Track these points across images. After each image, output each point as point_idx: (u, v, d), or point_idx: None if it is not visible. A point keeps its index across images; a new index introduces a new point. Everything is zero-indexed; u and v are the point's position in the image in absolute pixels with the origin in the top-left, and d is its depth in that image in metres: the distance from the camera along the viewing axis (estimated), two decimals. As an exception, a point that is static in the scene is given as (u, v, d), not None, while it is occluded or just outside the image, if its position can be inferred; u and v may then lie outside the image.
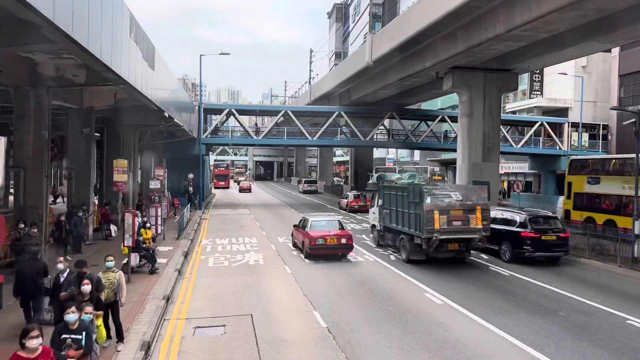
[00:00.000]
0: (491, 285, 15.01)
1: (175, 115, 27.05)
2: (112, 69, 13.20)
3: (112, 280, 9.15)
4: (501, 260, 18.54)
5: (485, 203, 17.37)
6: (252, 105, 58.33)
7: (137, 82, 16.49)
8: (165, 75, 23.40)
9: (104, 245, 20.27)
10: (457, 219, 16.72)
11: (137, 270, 15.48)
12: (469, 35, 23.09)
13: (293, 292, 13.90)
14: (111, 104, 20.58)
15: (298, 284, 14.75)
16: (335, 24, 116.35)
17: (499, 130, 28.99)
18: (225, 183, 75.35)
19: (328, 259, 18.19)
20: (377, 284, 14.80)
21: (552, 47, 23.49)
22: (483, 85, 27.75)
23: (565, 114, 51.09)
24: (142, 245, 15.69)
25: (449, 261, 17.81)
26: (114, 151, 25.59)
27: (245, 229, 27.49)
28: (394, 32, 28.61)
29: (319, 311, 11.87)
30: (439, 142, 48.17)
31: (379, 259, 18.65)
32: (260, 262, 18.04)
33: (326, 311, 11.86)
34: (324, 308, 12.13)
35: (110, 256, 9.62)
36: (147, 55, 18.21)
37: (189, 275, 15.97)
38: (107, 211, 21.23)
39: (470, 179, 27.84)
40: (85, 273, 8.34)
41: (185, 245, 21.13)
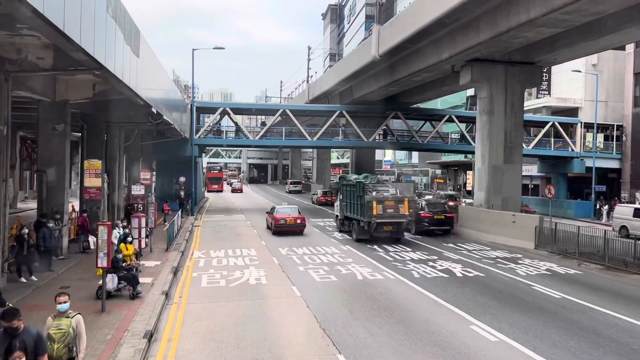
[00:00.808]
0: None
1: (165, 112, 24.34)
2: (81, 46, 10.54)
3: (65, 331, 6.42)
4: (410, 233, 25.18)
5: (412, 196, 24.11)
6: (248, 103, 55.57)
7: (116, 67, 13.81)
8: (152, 66, 20.71)
9: (81, 259, 17.51)
10: (390, 207, 22.68)
11: (116, 294, 12.76)
12: (495, 21, 20.58)
13: (307, 323, 11.22)
14: (89, 96, 17.83)
15: (311, 311, 12.07)
16: (329, 25, 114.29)
17: (522, 129, 26.51)
18: (219, 186, 72.60)
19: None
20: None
21: (586, 35, 21.05)
22: (504, 79, 25.25)
23: (575, 114, 48.76)
24: (122, 264, 12.96)
25: (389, 237, 23.51)
26: (96, 152, 22.80)
27: (242, 238, 24.79)
28: (405, 22, 26.07)
29: (344, 354, 9.22)
30: (445, 143, 45.80)
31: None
32: (262, 280, 15.35)
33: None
34: (351, 350, 9.49)
35: (64, 295, 6.86)
36: (129, 39, 15.52)
37: (178, 300, 13.26)
38: (86, 220, 18.45)
39: (490, 182, 25.36)
40: (16, 330, 5.54)
41: (175, 259, 18.40)
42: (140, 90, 17.68)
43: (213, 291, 14.08)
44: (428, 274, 16.29)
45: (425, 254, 20.14)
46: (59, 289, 13.53)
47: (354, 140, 42.57)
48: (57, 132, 17.41)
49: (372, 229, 22.62)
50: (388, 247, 22.14)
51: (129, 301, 12.56)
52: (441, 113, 44.04)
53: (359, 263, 18.13)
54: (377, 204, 22.38)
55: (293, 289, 14.34)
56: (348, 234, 25.26)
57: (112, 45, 13.32)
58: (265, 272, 16.57)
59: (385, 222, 22.64)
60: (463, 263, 18.42)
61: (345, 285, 14.79)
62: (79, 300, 12.46)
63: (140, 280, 14.14)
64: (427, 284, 15.01)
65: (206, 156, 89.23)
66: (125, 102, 20.10)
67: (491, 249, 21.80)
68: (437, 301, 13.10)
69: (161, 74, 23.92)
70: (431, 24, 23.45)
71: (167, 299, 13.22)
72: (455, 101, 60.11)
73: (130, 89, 15.99)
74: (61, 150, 17.61)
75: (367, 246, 22.10)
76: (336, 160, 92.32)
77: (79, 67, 13.23)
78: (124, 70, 14.82)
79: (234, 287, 14.57)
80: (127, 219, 19.51)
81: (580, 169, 44.35)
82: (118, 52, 14.05)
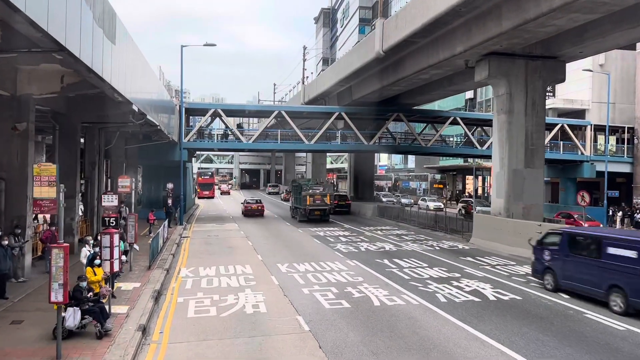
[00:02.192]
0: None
1: (150, 112, 21.79)
2: (27, 14, 8.03)
3: None
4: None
5: (330, 192, 37.02)
6: (241, 104, 52.91)
7: (83, 52, 11.28)
8: (133, 57, 18.17)
9: (45, 282, 14.79)
10: (318, 199, 34.62)
11: (79, 332, 10.17)
12: (521, 7, 18.27)
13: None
14: (58, 90, 15.26)
15: (325, 354, 9.57)
16: (322, 29, 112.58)
17: (544, 129, 24.18)
18: (210, 192, 69.93)
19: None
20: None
21: (621, 24, 18.83)
22: (525, 75, 22.97)
23: (582, 116, 46.74)
24: (87, 295, 10.37)
25: (318, 220, 34.76)
26: (70, 156, 20.21)
27: (235, 252, 22.24)
28: (414, 14, 23.73)
29: None
30: (448, 146, 43.56)
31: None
32: (261, 308, 12.79)
33: None
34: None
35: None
36: (102, 20, 13.00)
37: (158, 336, 10.68)
38: (54, 234, 15.80)
39: (510, 189, 23.05)
40: None
41: (158, 279, 15.80)
42: (118, 84, 15.15)
43: (201, 324, 11.51)
44: (457, 298, 13.81)
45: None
46: (8, 324, 11.04)
47: (353, 143, 40.13)
48: (18, 131, 14.81)
49: (307, 214, 34.72)
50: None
51: (94, 341, 9.96)
52: (446, 115, 41.74)
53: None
54: (310, 197, 34.66)
55: (299, 320, 11.80)
56: (295, 218, 37.57)
57: (76, 22, 10.79)
58: (264, 296, 14.02)
59: (315, 209, 34.83)
60: (491, 282, 15.98)
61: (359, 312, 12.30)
62: (30, 341, 9.94)
63: (112, 311, 11.62)
64: (458, 310, 12.53)
65: (197, 161, 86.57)
66: (102, 99, 17.55)
67: (516, 264, 19.41)
68: (478, 337, 10.62)
69: (145, 69, 21.37)
70: (445, 14, 21.17)
71: (145, 336, 10.64)
72: (453, 105, 58.03)
73: (103, 80, 13.45)
74: (23, 153, 15.01)
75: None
76: (330, 165, 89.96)
77: (33, 48, 10.71)
78: (94, 57, 12.30)
79: (226, 317, 12.00)
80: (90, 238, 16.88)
81: (590, 173, 42.24)
82: (86, 32, 11.53)
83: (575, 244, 14.60)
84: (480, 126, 45.79)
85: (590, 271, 13.51)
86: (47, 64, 13.93)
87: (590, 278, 13.49)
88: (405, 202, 51.60)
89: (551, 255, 15.17)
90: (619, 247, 12.86)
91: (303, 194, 34.70)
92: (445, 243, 24.90)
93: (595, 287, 13.31)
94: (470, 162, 54.25)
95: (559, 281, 14.62)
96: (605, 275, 12.97)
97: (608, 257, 13.01)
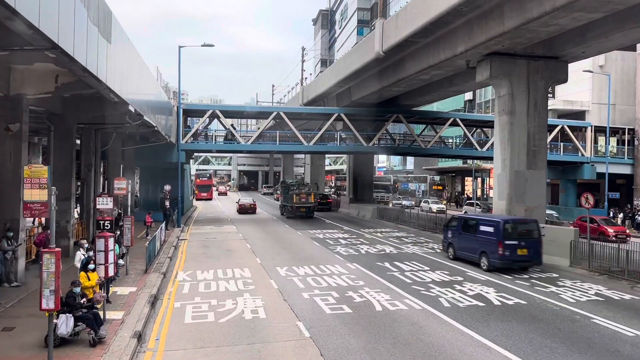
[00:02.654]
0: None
1: (146, 113, 21.47)
2: (16, 9, 7.70)
3: None
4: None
5: (315, 192, 43.49)
6: (240, 105, 52.48)
7: (77, 50, 10.96)
8: (130, 57, 17.85)
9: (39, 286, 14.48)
10: (304, 198, 39.54)
11: (72, 339, 9.84)
12: (524, 7, 17.99)
13: (324, 383, 8.43)
14: (52, 90, 14.88)
15: (327, 362, 9.27)
16: (320, 30, 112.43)
17: (546, 130, 23.86)
18: (208, 194, 69.57)
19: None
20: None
21: (625, 23, 18.54)
22: (527, 75, 22.66)
23: (582, 118, 46.51)
24: (80, 301, 10.03)
25: (303, 216, 39.39)
26: (65, 158, 19.86)
27: (234, 255, 21.91)
28: (414, 13, 23.44)
29: None
30: (448, 148, 43.30)
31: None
32: (260, 314, 12.45)
33: None
34: None
35: None
36: (97, 18, 12.68)
37: (153, 345, 10.34)
38: (48, 237, 15.43)
39: (512, 190, 22.71)
40: None
41: (155, 284, 15.46)
42: (114, 84, 14.84)
43: (199, 330, 11.17)
44: (460, 303, 13.50)
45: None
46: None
47: (352, 145, 39.81)
48: (11, 132, 14.47)
49: (294, 210, 39.56)
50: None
51: (88, 349, 9.64)
52: (445, 116, 41.45)
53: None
54: (296, 197, 39.45)
55: (299, 325, 11.48)
56: (284, 215, 42.30)
57: (70, 20, 10.48)
58: (263, 300, 13.69)
59: (301, 206, 39.61)
60: (495, 286, 15.67)
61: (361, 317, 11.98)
62: (21, 348, 9.61)
63: (107, 317, 11.29)
64: (463, 316, 12.22)
65: (195, 163, 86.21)
66: (98, 99, 17.27)
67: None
68: (485, 343, 10.31)
69: (142, 69, 21.04)
70: (446, 13, 20.87)
71: (140, 344, 10.31)
72: (452, 106, 57.81)
73: (98, 79, 13.14)
74: (16, 154, 14.67)
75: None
76: (329, 166, 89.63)
77: (26, 46, 10.38)
78: (88, 56, 11.98)
79: (225, 323, 11.67)
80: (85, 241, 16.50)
81: (591, 174, 41.99)
82: (80, 31, 11.21)
83: (465, 225, 20.14)
84: (480, 127, 45.55)
85: (471, 243, 19.22)
86: (41, 63, 13.61)
87: (471, 247, 19.14)
88: (406, 204, 51.38)
89: (452, 234, 20.80)
90: (485, 226, 18.65)
91: (290, 194, 40.18)
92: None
93: (474, 253, 18.97)
94: (470, 164, 54.01)
95: (456, 252, 20.31)
96: (478, 245, 18.71)
97: (480, 232, 18.73)
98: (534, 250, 17.91)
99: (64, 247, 18.65)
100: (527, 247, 17.79)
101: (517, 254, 17.63)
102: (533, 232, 18.21)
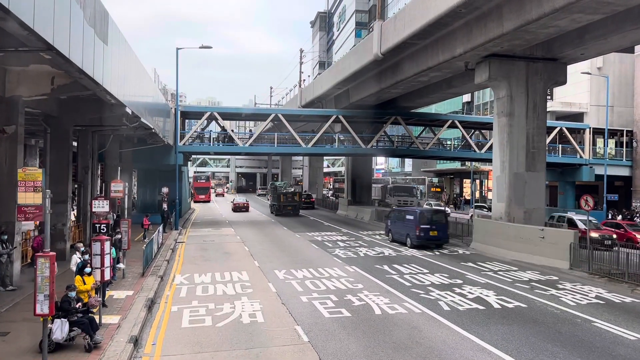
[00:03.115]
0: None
1: (144, 115, 21.32)
2: (9, 9, 7.58)
3: None
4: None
5: (300, 192, 50.49)
6: (237, 107, 52.27)
7: (73, 52, 10.83)
8: (127, 58, 17.70)
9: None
10: (290, 197, 44.40)
11: (67, 344, 9.70)
12: (523, 8, 17.92)
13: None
14: (48, 92, 14.76)
15: (326, 367, 9.14)
16: (319, 32, 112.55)
17: (545, 132, 23.78)
18: (206, 196, 69.41)
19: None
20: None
21: (624, 24, 18.48)
22: (526, 77, 22.62)
23: (580, 120, 46.52)
24: (75, 305, 9.89)
25: (290, 213, 44.13)
26: (61, 160, 19.72)
27: (232, 258, 21.77)
28: (413, 15, 23.38)
29: None
30: (446, 150, 43.19)
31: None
32: (258, 317, 12.32)
33: None
34: None
35: None
36: (93, 19, 12.55)
37: (150, 350, 10.19)
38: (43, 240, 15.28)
39: (511, 192, 22.66)
40: None
41: (152, 287, 15.32)
42: (110, 86, 14.69)
43: (196, 334, 11.03)
44: (460, 306, 13.39)
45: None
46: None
47: (350, 147, 39.71)
48: (7, 134, 14.34)
49: (282, 208, 44.13)
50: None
51: (83, 355, 9.50)
52: (444, 118, 41.37)
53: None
54: (283, 196, 44.44)
55: (297, 330, 11.35)
56: (273, 213, 46.21)
57: (66, 21, 10.35)
58: (261, 304, 13.56)
59: (287, 205, 44.20)
60: (495, 289, 15.57)
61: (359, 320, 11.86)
62: (15, 354, 9.45)
63: (103, 321, 11.17)
64: (463, 319, 12.11)
65: (192, 165, 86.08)
66: (95, 101, 17.16)
67: (519, 269, 18.99)
68: (485, 347, 10.20)
69: (139, 70, 20.91)
70: (445, 15, 20.82)
71: (136, 349, 10.17)
72: (450, 108, 57.81)
73: (95, 81, 13.00)
74: (12, 157, 14.52)
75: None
76: (326, 168, 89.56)
77: (20, 47, 10.26)
78: (85, 57, 11.85)
79: (222, 327, 11.53)
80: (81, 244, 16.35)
81: (589, 176, 41.94)
82: (76, 32, 11.08)
83: (398, 215, 26.91)
84: (479, 129, 45.50)
85: (401, 229, 25.62)
86: (36, 64, 13.47)
87: (401, 231, 25.51)
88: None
89: (391, 222, 27.41)
90: (409, 215, 25.21)
91: (278, 194, 45.19)
92: (445, 248, 24.50)
93: (403, 236, 25.32)
94: (468, 166, 53.94)
95: (393, 236, 26.67)
96: (405, 229, 25.10)
97: (406, 220, 25.23)
98: (442, 232, 24.27)
99: (60, 250, 18.53)
100: (437, 229, 23.89)
101: (429, 235, 23.80)
102: (442, 219, 24.77)
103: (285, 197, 44.11)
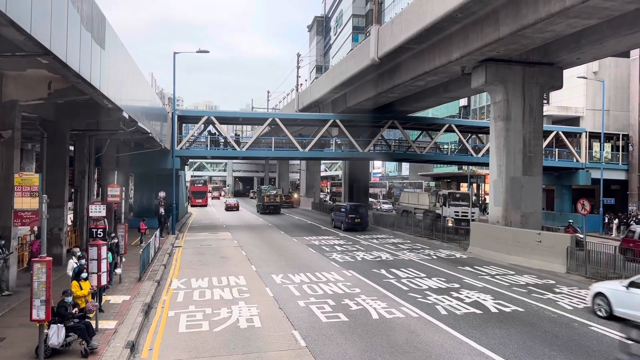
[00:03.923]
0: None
1: (141, 119, 21.32)
2: (7, 14, 7.59)
3: None
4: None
5: (281, 194, 56.84)
6: (235, 112, 52.32)
7: (70, 56, 10.84)
8: (123, 62, 17.71)
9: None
10: (272, 198, 52.64)
11: (63, 350, 9.65)
12: (519, 13, 18.02)
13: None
14: (45, 97, 14.75)
15: (323, 372, 9.13)
16: (316, 37, 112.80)
17: (542, 136, 23.86)
18: (203, 200, 69.33)
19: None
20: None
21: (620, 29, 18.60)
22: (522, 81, 22.71)
23: (576, 124, 46.68)
24: (72, 311, 9.86)
25: (273, 212, 52.04)
26: (58, 165, 19.67)
27: (229, 262, 21.73)
28: (410, 20, 23.47)
29: None
30: (443, 154, 43.28)
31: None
32: (255, 322, 12.29)
33: None
34: None
35: None
36: (90, 23, 12.57)
37: (146, 355, 10.16)
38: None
39: (508, 197, 22.69)
40: None
41: (149, 292, 15.28)
42: (107, 90, 14.71)
43: (193, 339, 11.01)
44: (458, 310, 13.39)
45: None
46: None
47: (348, 151, 39.78)
48: (4, 139, 14.31)
49: (265, 208, 51.37)
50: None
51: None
52: (441, 122, 41.46)
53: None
54: (266, 197, 51.71)
55: (295, 334, 11.33)
56: (258, 212, 53.19)
57: (63, 26, 10.36)
58: (259, 309, 13.54)
59: (270, 204, 51.60)
60: (492, 293, 15.58)
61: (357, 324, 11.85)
62: (11, 359, 9.37)
63: (100, 326, 11.13)
64: (460, 323, 12.11)
65: (190, 169, 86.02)
66: (92, 105, 17.15)
67: (516, 273, 19.02)
68: (483, 352, 10.20)
69: (136, 75, 20.92)
70: (441, 20, 20.91)
71: (133, 354, 10.14)
72: (447, 112, 57.90)
73: (92, 85, 13.00)
74: (8, 161, 14.51)
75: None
76: (324, 172, 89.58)
77: (17, 52, 10.26)
78: (82, 62, 11.86)
79: (219, 332, 11.50)
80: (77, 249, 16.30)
81: (586, 180, 42.05)
82: (73, 37, 11.09)
83: (339, 208, 37.73)
84: (476, 133, 45.61)
85: (340, 217, 36.10)
86: (33, 69, 13.52)
87: (340, 220, 35.93)
88: (386, 207, 51.82)
89: (334, 214, 38.16)
90: (342, 208, 36.53)
91: (262, 195, 53.20)
92: (443, 252, 24.52)
93: (341, 222, 35.60)
94: (465, 170, 54.03)
95: (335, 223, 37.10)
96: (340, 218, 35.94)
97: (342, 211, 36.14)
98: (363, 220, 35.26)
99: (57, 255, 18.50)
100: (360, 217, 35.09)
101: (355, 222, 34.78)
102: (363, 211, 35.81)
103: (268, 198, 52.04)
